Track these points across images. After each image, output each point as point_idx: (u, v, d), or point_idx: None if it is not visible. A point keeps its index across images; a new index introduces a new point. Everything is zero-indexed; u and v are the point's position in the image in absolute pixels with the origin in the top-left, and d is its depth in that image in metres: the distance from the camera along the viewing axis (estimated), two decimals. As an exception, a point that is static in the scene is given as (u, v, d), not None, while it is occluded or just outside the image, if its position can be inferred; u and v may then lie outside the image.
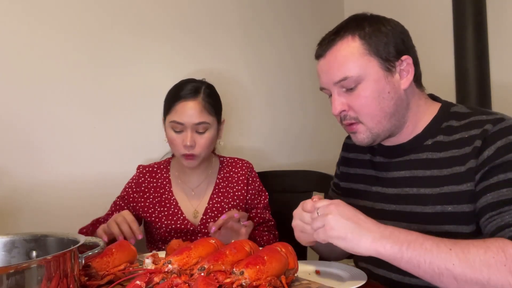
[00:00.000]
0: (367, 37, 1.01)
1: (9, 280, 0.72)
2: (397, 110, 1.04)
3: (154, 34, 1.83)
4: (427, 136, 1.06)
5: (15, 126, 1.53)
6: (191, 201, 1.51)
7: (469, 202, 0.96)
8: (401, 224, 1.02)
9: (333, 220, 0.87)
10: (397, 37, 1.03)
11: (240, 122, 2.05)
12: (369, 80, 1.01)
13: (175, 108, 1.42)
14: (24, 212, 1.54)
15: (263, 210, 1.54)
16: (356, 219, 0.88)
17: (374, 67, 1.01)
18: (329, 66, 1.04)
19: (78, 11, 1.66)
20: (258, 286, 0.84)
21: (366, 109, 1.02)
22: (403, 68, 1.03)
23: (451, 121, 1.04)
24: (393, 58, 1.01)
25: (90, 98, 1.68)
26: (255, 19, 2.14)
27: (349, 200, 1.20)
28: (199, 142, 1.42)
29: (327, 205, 0.90)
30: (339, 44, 1.02)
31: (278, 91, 2.21)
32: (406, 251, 0.83)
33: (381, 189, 1.11)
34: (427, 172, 1.03)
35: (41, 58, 1.58)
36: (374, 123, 1.03)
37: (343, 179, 1.26)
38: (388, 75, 1.02)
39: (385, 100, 1.02)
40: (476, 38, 1.94)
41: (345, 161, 1.27)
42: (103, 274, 0.98)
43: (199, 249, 0.98)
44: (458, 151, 0.99)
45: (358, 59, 1.00)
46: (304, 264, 1.10)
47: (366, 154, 1.19)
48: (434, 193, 1.00)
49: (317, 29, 2.21)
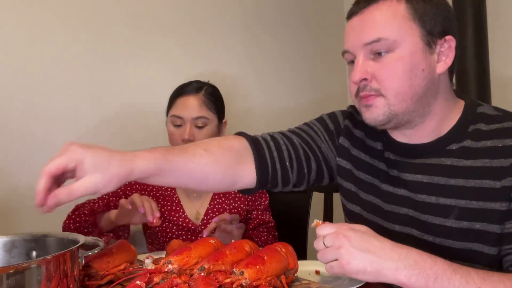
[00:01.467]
0: (414, 1, 0.89)
1: (9, 280, 0.72)
2: (426, 94, 0.90)
3: (157, 34, 1.83)
4: (452, 140, 0.93)
5: (15, 126, 1.54)
6: (192, 202, 1.51)
7: (499, 222, 0.87)
8: (413, 230, 0.96)
9: (347, 255, 0.79)
10: (446, 13, 0.91)
11: (243, 124, 2.05)
12: (405, 48, 0.88)
13: (176, 103, 1.46)
14: (24, 212, 1.54)
15: (263, 212, 1.55)
16: (372, 248, 0.79)
17: (415, 36, 0.88)
18: (363, 23, 0.90)
19: (78, 11, 1.66)
20: (258, 286, 0.84)
21: (393, 82, 0.89)
22: (444, 50, 0.91)
23: (478, 124, 0.92)
24: (437, 33, 0.89)
25: (91, 98, 1.68)
26: (257, 20, 2.14)
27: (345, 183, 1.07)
28: (197, 137, 1.43)
29: (336, 235, 0.81)
30: (381, 3, 0.89)
31: (281, 93, 2.21)
32: (433, 286, 0.76)
33: (392, 188, 0.99)
34: (451, 180, 0.91)
35: (42, 58, 1.59)
36: (397, 100, 0.89)
37: (341, 154, 1.08)
38: (427, 50, 0.89)
39: (417, 77, 0.89)
40: (476, 38, 1.95)
41: (348, 134, 1.08)
42: (103, 274, 0.98)
43: (199, 249, 0.98)
44: (490, 161, 0.88)
45: (400, 21, 0.88)
46: (304, 264, 1.09)
47: (377, 143, 1.03)
48: (458, 206, 0.90)
49: (318, 31, 2.22)
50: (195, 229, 1.47)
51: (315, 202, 1.66)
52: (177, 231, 1.47)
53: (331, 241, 0.81)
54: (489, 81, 1.97)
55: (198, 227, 1.47)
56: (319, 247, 0.83)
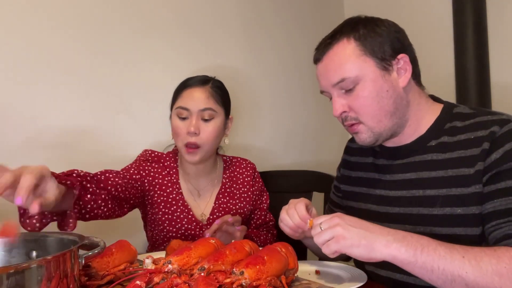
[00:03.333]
0: (362, 38, 1.02)
1: (9, 280, 0.72)
2: (397, 108, 1.04)
3: (156, 34, 1.83)
4: (430, 137, 1.06)
5: (15, 126, 1.53)
6: (197, 201, 1.49)
7: (478, 204, 0.96)
8: (405, 227, 1.03)
9: (343, 230, 0.87)
10: (392, 36, 1.04)
11: (244, 122, 2.05)
12: (366, 80, 1.02)
13: (182, 95, 1.41)
14: (24, 212, 1.54)
15: (266, 211, 1.54)
16: (364, 226, 0.88)
17: (371, 67, 1.02)
18: (327, 69, 1.05)
19: (78, 12, 1.66)
20: (258, 286, 0.84)
21: (365, 109, 1.03)
22: (401, 66, 1.04)
23: (454, 122, 1.05)
24: (389, 57, 1.02)
25: (91, 98, 1.68)
26: (257, 20, 2.14)
27: (350, 203, 1.22)
28: (204, 129, 1.37)
29: (331, 218, 0.90)
30: (335, 47, 1.04)
31: (281, 91, 2.22)
32: (420, 256, 0.84)
33: (385, 192, 1.11)
34: (432, 173, 1.03)
35: (42, 58, 1.58)
36: (374, 123, 1.04)
37: (344, 182, 1.26)
38: (385, 74, 1.03)
39: (384, 98, 1.02)
40: (476, 38, 1.95)
41: (346, 164, 1.27)
42: (103, 274, 0.98)
43: (199, 249, 0.98)
44: (464, 152, 0.99)
45: (355, 60, 1.02)
46: (304, 264, 1.10)
47: (369, 157, 1.19)
48: (441, 195, 1.00)
49: (318, 29, 2.22)
50: (201, 228, 1.44)
51: (315, 202, 1.66)
52: (183, 231, 1.44)
53: (327, 224, 0.90)
54: (489, 82, 1.97)
55: (204, 226, 1.45)
56: (315, 232, 0.91)
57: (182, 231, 1.44)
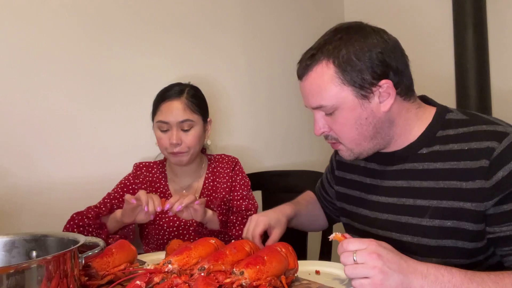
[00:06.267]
0: (341, 65, 0.97)
1: (9, 280, 0.72)
2: (378, 132, 1.02)
3: (154, 34, 1.83)
4: (421, 145, 1.02)
5: (15, 126, 1.53)
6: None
7: (474, 221, 0.93)
8: (393, 234, 1.04)
9: (381, 274, 0.81)
10: (374, 61, 0.97)
11: (227, 123, 2.05)
12: (344, 108, 0.99)
13: (161, 108, 1.48)
14: (24, 212, 1.54)
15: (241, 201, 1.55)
16: (400, 268, 0.83)
17: (349, 96, 0.98)
18: (306, 92, 1.04)
19: (77, 12, 1.66)
20: (258, 286, 0.84)
21: (344, 133, 1.02)
22: (383, 91, 0.98)
23: (447, 130, 1.01)
24: (369, 84, 0.97)
25: (90, 99, 1.68)
26: (244, 20, 2.13)
27: (343, 204, 1.22)
28: (184, 139, 1.46)
29: (368, 253, 0.82)
30: (315, 69, 1.00)
31: (263, 92, 2.19)
32: None
33: (376, 197, 1.10)
34: (424, 183, 1.00)
35: (41, 59, 1.58)
36: (354, 145, 1.03)
37: (339, 183, 1.24)
38: (364, 102, 0.99)
39: (363, 125, 1.00)
40: (476, 38, 1.95)
41: (341, 165, 1.25)
42: (103, 274, 0.98)
43: (199, 249, 0.98)
44: (457, 164, 0.96)
45: (332, 89, 0.98)
46: (304, 264, 1.10)
47: (361, 161, 1.16)
48: (431, 206, 0.98)
49: (318, 30, 2.21)
50: (185, 224, 1.49)
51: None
52: (168, 227, 1.49)
53: (363, 258, 0.82)
54: (489, 84, 1.98)
55: (188, 221, 1.49)
56: (348, 262, 0.84)
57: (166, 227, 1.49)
